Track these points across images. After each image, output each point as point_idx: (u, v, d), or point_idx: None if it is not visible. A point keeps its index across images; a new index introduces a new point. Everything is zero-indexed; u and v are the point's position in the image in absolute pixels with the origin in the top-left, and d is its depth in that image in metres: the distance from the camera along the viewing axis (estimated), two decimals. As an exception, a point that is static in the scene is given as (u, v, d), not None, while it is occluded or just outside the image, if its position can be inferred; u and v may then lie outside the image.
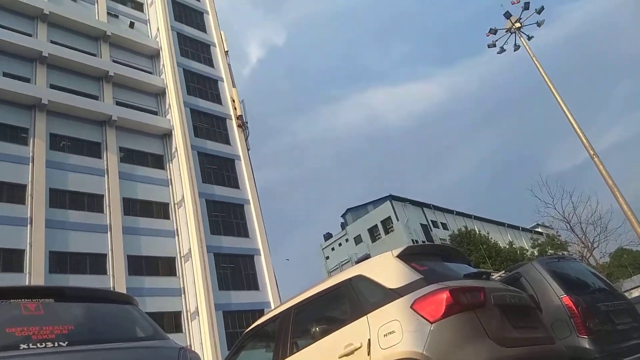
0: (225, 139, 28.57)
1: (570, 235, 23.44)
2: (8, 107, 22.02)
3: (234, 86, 30.82)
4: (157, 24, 30.05)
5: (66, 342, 3.51)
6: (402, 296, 3.44)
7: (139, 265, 22.33)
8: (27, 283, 18.19)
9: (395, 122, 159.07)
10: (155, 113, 27.84)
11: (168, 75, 28.02)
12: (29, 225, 19.75)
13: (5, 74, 22.76)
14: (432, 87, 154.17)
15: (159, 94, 28.37)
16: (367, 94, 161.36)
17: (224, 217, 25.34)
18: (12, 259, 18.91)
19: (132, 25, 29.84)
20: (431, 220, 53.00)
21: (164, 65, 28.67)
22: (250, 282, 24.28)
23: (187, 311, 22.24)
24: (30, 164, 21.25)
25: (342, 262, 53.23)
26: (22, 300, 3.76)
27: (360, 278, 3.86)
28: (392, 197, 50.90)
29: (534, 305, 4.02)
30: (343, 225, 57.63)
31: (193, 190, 24.27)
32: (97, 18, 27.96)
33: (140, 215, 23.83)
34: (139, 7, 31.36)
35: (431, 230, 51.40)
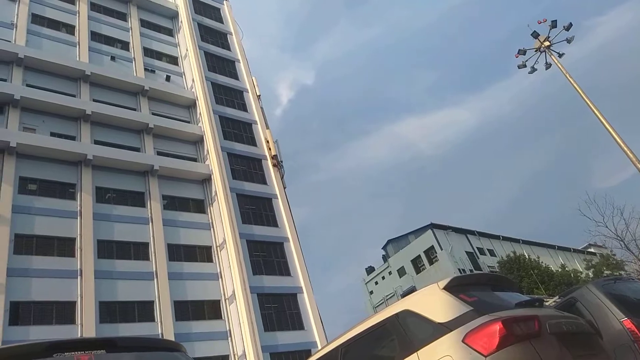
0: (262, 179, 29.07)
1: (626, 253, 22.24)
2: (56, 165, 23.28)
3: (267, 127, 31.59)
4: (192, 76, 31.48)
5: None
6: (452, 330, 3.32)
7: (185, 310, 22.56)
8: (79, 334, 18.68)
9: (428, 151, 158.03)
10: (195, 160, 28.75)
11: (205, 123, 29.07)
12: (79, 277, 20.44)
13: (52, 134, 24.22)
14: (463, 113, 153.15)
15: (197, 141, 29.37)
16: (397, 125, 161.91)
17: (265, 257, 25.46)
18: (64, 311, 19.51)
19: (168, 78, 31.39)
20: (477, 247, 51.40)
21: (200, 114, 29.81)
22: (295, 321, 24.02)
23: (234, 355, 22.12)
24: (79, 217, 22.20)
25: (387, 296, 52.06)
26: (76, 352, 3.87)
27: (407, 313, 3.76)
28: (433, 226, 49.86)
29: (594, 331, 3.80)
30: (385, 258, 56.66)
31: (234, 232, 24.62)
32: (135, 74, 29.59)
33: (185, 260, 24.27)
34: (174, 61, 33.03)
35: (478, 258, 49.77)
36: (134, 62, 30.31)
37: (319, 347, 22.91)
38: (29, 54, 25.14)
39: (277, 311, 23.74)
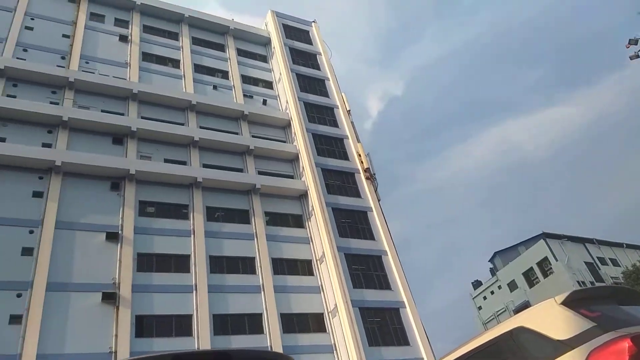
0: (356, 193, 29.25)
1: None
2: (171, 188, 25.51)
3: (358, 141, 31.83)
4: (285, 97, 32.90)
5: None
6: (574, 348, 3.06)
7: (291, 322, 23.25)
8: (196, 346, 20.07)
9: (534, 153, 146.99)
10: (292, 177, 29.83)
11: (299, 142, 30.12)
12: (194, 292, 22.06)
13: (166, 160, 26.63)
14: (572, 110, 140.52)
15: (293, 159, 30.48)
16: (499, 127, 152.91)
17: (364, 270, 25.45)
18: (182, 324, 21.13)
19: (264, 102, 33.15)
20: (597, 257, 46.66)
21: (295, 133, 30.96)
22: (400, 337, 23.57)
23: (340, 369, 22.26)
24: (192, 235, 24.05)
25: (497, 312, 49.06)
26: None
27: (522, 330, 3.53)
28: (545, 235, 46.23)
29: None
30: (492, 271, 53.56)
31: (332, 245, 25.00)
32: (235, 101, 31.63)
33: (288, 273, 25.11)
34: (269, 86, 34.79)
35: (599, 269, 45.13)
36: (233, 89, 32.43)
37: (426, 364, 22.21)
38: (142, 89, 28.05)
39: (380, 325, 23.51)
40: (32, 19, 28.26)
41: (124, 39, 30.47)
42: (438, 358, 5.17)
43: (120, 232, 22.32)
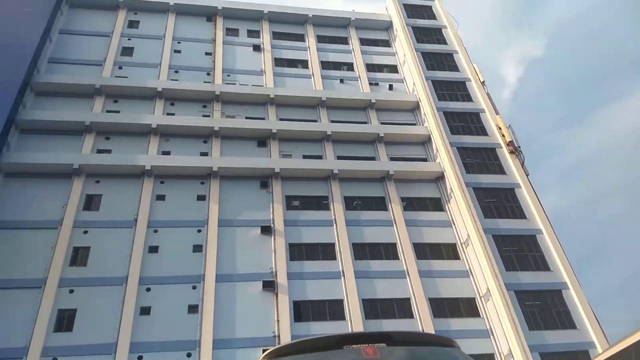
0: (499, 169, 27.45)
1: None
2: (311, 182, 26.84)
3: (497, 113, 29.77)
4: (412, 79, 32.21)
5: (408, 383, 3.88)
6: None
7: (441, 307, 22.88)
8: (349, 329, 20.92)
9: None
10: (425, 159, 29.16)
11: (430, 122, 29.27)
12: (342, 278, 22.99)
13: (304, 156, 28.05)
14: None
15: (425, 141, 29.76)
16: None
17: (517, 251, 23.84)
18: (335, 309, 22.18)
19: (391, 87, 32.88)
20: None
21: (425, 114, 30.17)
22: (564, 320, 21.64)
23: (499, 354, 21.26)
24: (334, 225, 25.04)
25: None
26: (362, 345, 4.38)
27: None
28: None
29: None
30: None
31: (477, 228, 23.90)
32: (362, 91, 31.94)
33: (432, 258, 24.70)
34: (394, 70, 34.37)
35: None
36: (359, 80, 32.76)
37: (598, 348, 20.10)
38: (277, 93, 29.89)
39: (541, 309, 21.86)
40: (179, 42, 31.96)
41: (257, 48, 32.77)
42: (617, 341, 4.71)
43: (272, 225, 24.24)
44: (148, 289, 21.21)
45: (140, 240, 22.45)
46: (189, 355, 19.66)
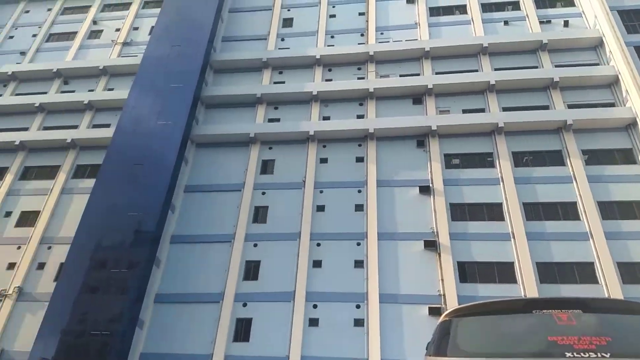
0: None
1: None
2: (473, 138, 25.37)
3: None
4: (592, 11, 27.67)
5: (608, 354, 3.55)
6: None
7: (632, 272, 20.10)
8: (521, 293, 19.77)
9: None
10: (612, 104, 25.17)
11: (618, 61, 25.00)
12: (512, 239, 21.61)
13: (464, 111, 26.55)
14: None
15: (612, 83, 25.62)
16: None
17: None
18: (504, 271, 21.07)
19: (566, 23, 28.70)
20: None
21: (610, 51, 25.82)
22: None
23: None
24: (501, 183, 23.46)
25: None
26: (554, 310, 4.10)
27: None
28: None
29: None
30: None
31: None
32: (530, 31, 28.57)
33: (620, 218, 21.62)
34: (570, 3, 29.87)
35: None
36: (527, 19, 29.30)
37: None
38: (433, 45, 28.50)
39: None
40: (334, 7, 32.48)
41: (411, 0, 31.52)
42: None
43: (430, 185, 23.79)
44: (318, 244, 22.91)
45: (308, 199, 24.19)
46: (357, 306, 20.90)
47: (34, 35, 34.82)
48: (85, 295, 20.85)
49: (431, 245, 21.85)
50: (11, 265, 24.01)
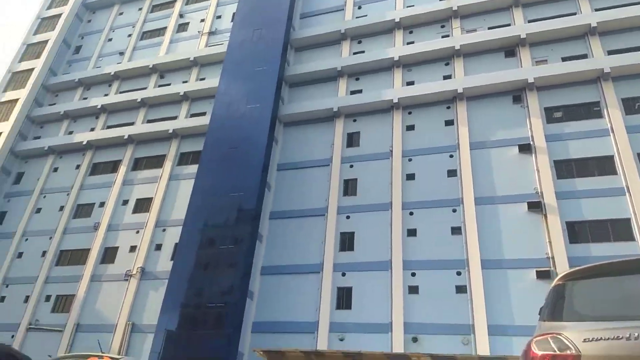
0: None
1: None
2: (575, 87, 23.33)
3: None
4: None
5: None
6: None
7: None
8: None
9: None
10: None
11: None
12: (627, 194, 19.75)
13: (563, 59, 24.35)
14: None
15: None
16: None
17: None
18: (619, 228, 19.39)
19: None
20: None
21: None
22: None
23: None
24: (611, 134, 21.39)
25: None
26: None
27: None
28: None
29: None
30: None
31: None
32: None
33: None
34: None
35: None
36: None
37: None
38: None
39: None
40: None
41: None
42: None
43: (531, 142, 22.34)
44: (411, 213, 22.70)
45: (397, 169, 23.93)
46: (458, 273, 20.54)
47: (129, 35, 37.61)
48: (199, 271, 22.79)
49: (535, 206, 20.65)
50: (132, 248, 26.83)
